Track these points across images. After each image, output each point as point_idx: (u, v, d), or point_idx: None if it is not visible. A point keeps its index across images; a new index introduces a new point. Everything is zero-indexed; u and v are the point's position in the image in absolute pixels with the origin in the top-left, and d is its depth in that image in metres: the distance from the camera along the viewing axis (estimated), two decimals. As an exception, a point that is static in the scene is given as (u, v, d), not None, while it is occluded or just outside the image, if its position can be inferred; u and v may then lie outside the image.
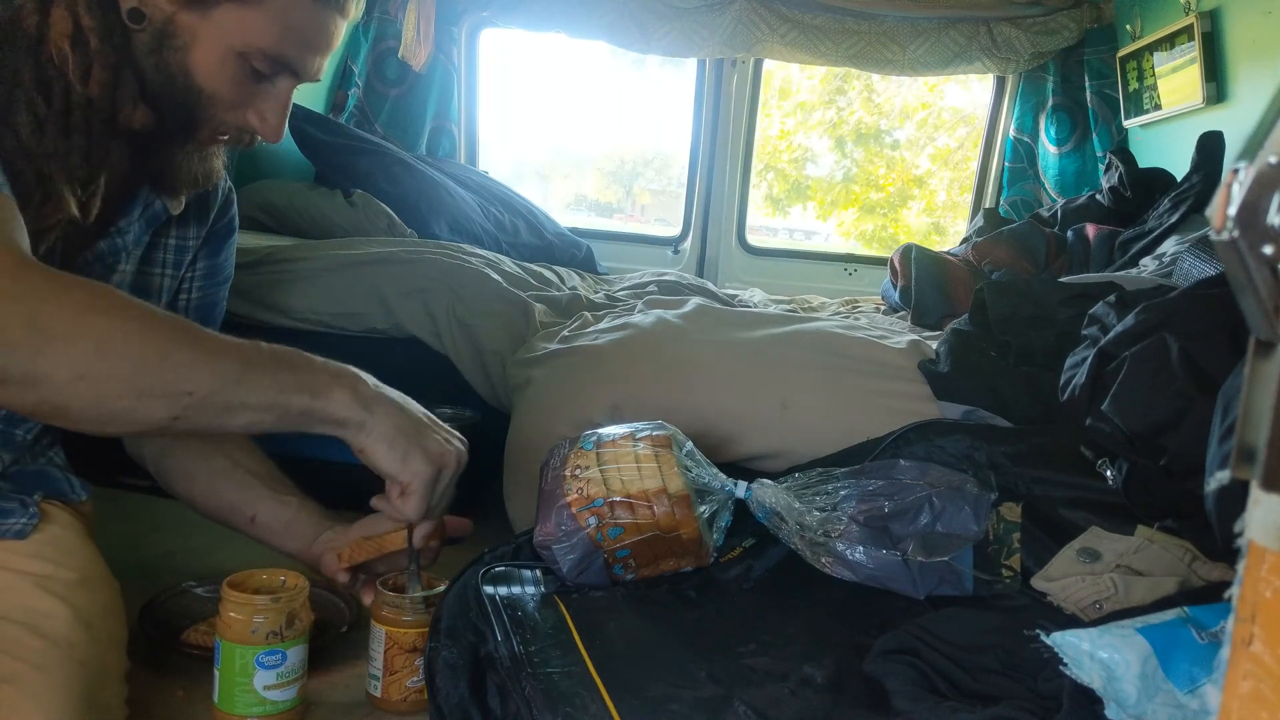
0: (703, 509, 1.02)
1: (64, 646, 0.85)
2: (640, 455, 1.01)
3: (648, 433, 1.04)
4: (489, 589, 0.98)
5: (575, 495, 0.99)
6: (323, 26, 0.98)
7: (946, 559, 0.98)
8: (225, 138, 1.00)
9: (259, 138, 1.00)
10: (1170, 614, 0.78)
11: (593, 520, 0.98)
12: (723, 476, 1.06)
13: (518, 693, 0.83)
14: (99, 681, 0.87)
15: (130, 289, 1.07)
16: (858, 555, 1.00)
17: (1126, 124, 2.84)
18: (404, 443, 0.91)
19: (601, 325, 1.71)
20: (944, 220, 5.07)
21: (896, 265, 2.45)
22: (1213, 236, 0.34)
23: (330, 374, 0.90)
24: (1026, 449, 1.23)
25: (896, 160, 5.34)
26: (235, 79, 0.94)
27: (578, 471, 1.00)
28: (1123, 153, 2.62)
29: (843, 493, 1.05)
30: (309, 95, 2.88)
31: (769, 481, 1.06)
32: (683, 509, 0.99)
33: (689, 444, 1.06)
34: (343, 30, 1.01)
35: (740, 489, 1.05)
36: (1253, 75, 2.24)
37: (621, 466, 1.00)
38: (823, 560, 1.02)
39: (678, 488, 0.99)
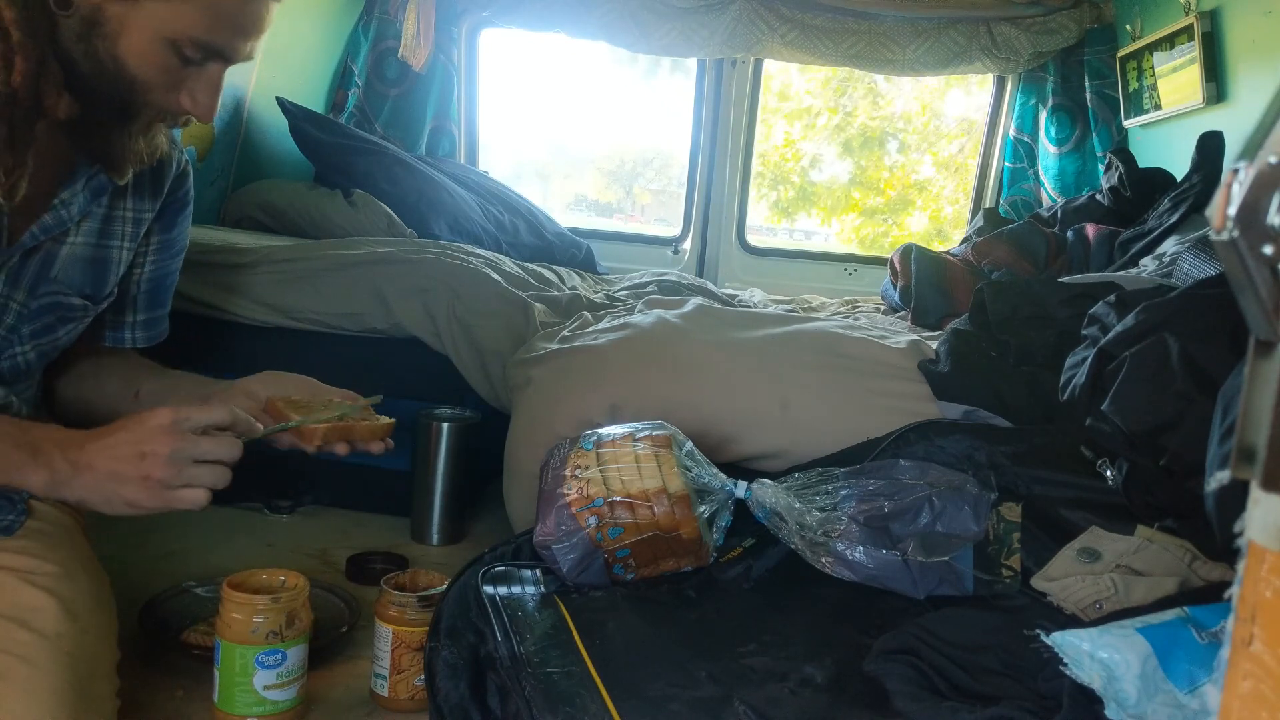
0: (703, 509, 1.02)
1: (52, 639, 0.85)
2: (640, 455, 1.01)
3: (648, 433, 1.04)
4: (489, 589, 0.98)
5: (575, 495, 0.99)
6: (253, 12, 1.00)
7: (946, 559, 0.98)
8: (163, 121, 1.02)
9: (193, 119, 1.02)
10: (1170, 614, 0.78)
11: (593, 520, 0.98)
12: (723, 476, 1.06)
13: (518, 693, 0.83)
14: (89, 673, 0.87)
15: (87, 262, 1.09)
16: (858, 555, 1.00)
17: (1126, 124, 2.84)
18: (112, 506, 0.90)
19: (601, 325, 1.71)
20: (946, 229, 5.07)
21: (896, 265, 2.45)
22: (1213, 236, 0.34)
23: (29, 452, 0.89)
24: (1026, 449, 1.22)
25: (898, 165, 5.34)
26: (165, 65, 0.95)
27: (578, 471, 1.00)
28: (1123, 153, 2.62)
29: (843, 493, 1.05)
30: (309, 95, 2.88)
31: (769, 481, 1.06)
32: (683, 509, 0.99)
33: (689, 444, 1.06)
34: (273, 12, 1.03)
35: (740, 489, 1.05)
36: (1253, 75, 2.24)
37: (621, 466, 1.00)
38: (823, 560, 1.02)
39: (678, 487, 0.99)
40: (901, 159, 5.33)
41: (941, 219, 5.10)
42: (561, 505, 1.00)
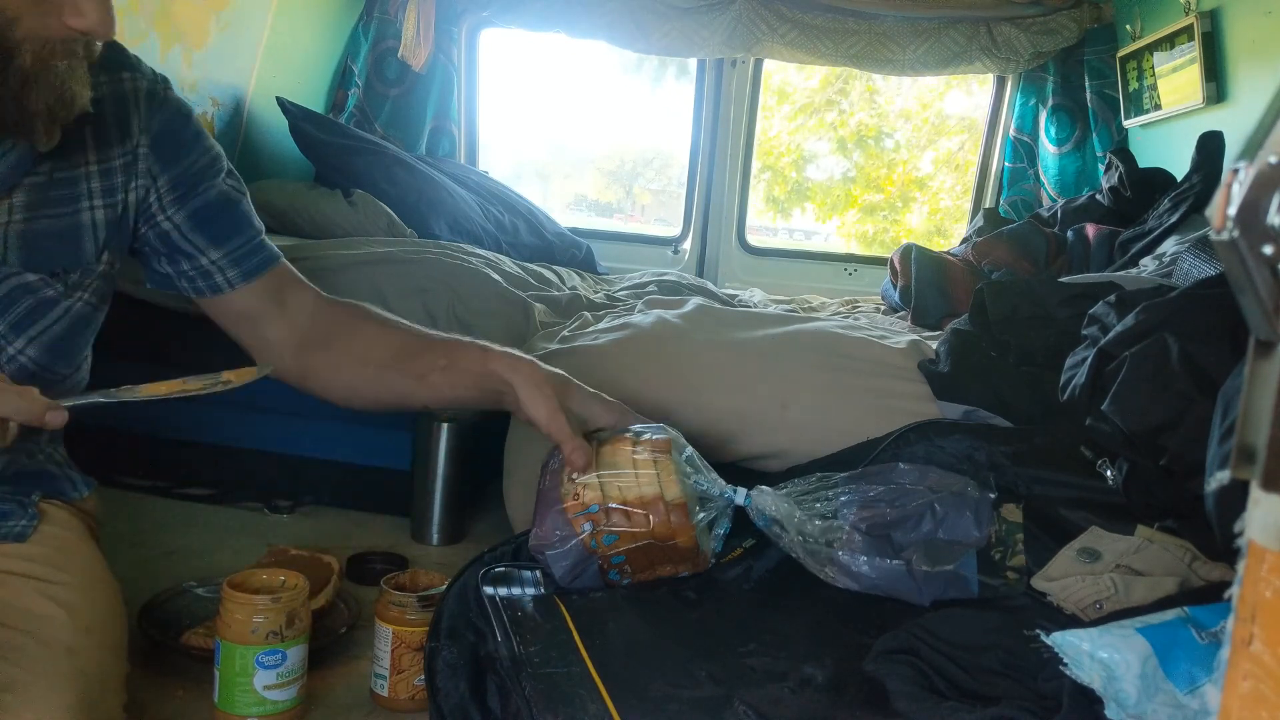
0: (701, 516, 1.01)
1: (64, 653, 0.83)
2: (639, 461, 1.00)
3: (648, 436, 1.03)
4: (489, 589, 0.98)
5: (571, 500, 0.99)
6: None
7: (951, 567, 0.98)
8: (55, 56, 0.84)
9: (92, 38, 0.87)
10: (1170, 614, 0.78)
11: (587, 526, 0.98)
12: (722, 483, 1.05)
13: (518, 693, 0.83)
14: (100, 688, 0.85)
15: (41, 235, 0.95)
16: (861, 566, 0.99)
17: (1126, 124, 2.84)
18: None
19: (601, 325, 1.71)
20: (946, 224, 5.07)
21: (896, 265, 2.45)
22: (1213, 236, 0.34)
23: None
24: (1026, 449, 1.22)
25: (898, 162, 5.34)
26: None
27: (575, 475, 1.00)
28: (1123, 153, 2.62)
29: (843, 499, 1.05)
30: (309, 95, 2.88)
31: (768, 489, 1.05)
32: (679, 517, 0.98)
33: (689, 449, 1.05)
34: None
35: (740, 496, 1.04)
36: (1253, 75, 2.24)
37: (620, 472, 0.99)
38: (826, 571, 1.01)
39: (675, 495, 0.98)
40: (902, 155, 5.33)
41: (940, 214, 5.11)
42: (557, 510, 0.99)
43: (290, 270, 1.13)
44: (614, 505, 0.98)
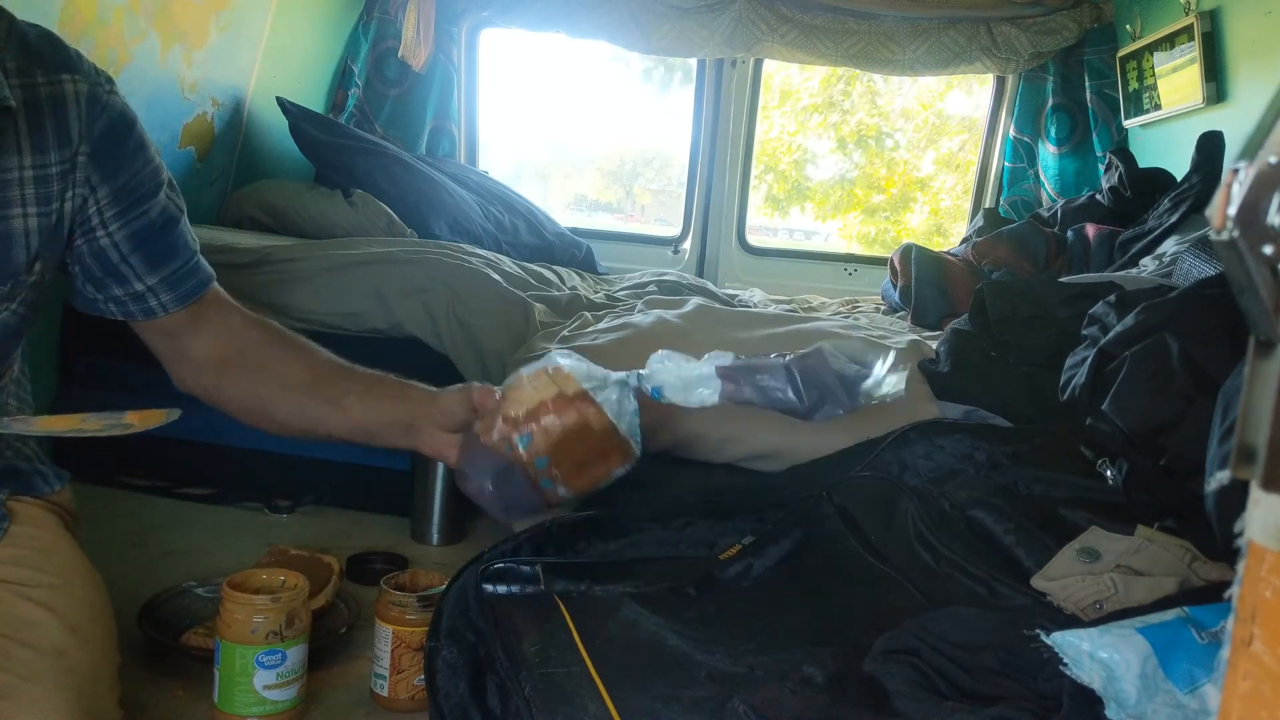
0: (602, 397, 1.01)
1: (52, 655, 0.83)
2: (533, 380, 1.01)
3: (539, 368, 1.04)
4: (489, 588, 0.98)
5: (484, 435, 1.00)
6: None
7: (828, 375, 0.98)
8: None
9: None
10: (1170, 614, 0.78)
11: (496, 435, 0.98)
12: (616, 373, 1.05)
13: (518, 693, 0.83)
14: (92, 686, 0.85)
15: None
16: (744, 389, 1.01)
17: (1126, 124, 2.84)
18: None
19: (601, 325, 1.71)
20: (946, 223, 5.07)
21: (896, 265, 2.45)
22: (1213, 236, 0.34)
23: None
24: (1026, 449, 1.22)
25: (898, 163, 5.34)
26: None
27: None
28: (1123, 153, 2.62)
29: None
30: (309, 95, 2.88)
31: (658, 362, 1.05)
32: (584, 402, 0.99)
33: (585, 365, 1.05)
34: None
35: (633, 377, 1.04)
36: (1253, 75, 2.24)
37: (521, 391, 1.00)
38: (704, 392, 1.03)
39: (574, 389, 0.99)
40: (902, 156, 5.33)
41: (940, 214, 5.10)
42: (470, 436, 1.00)
43: (218, 290, 1.09)
44: (518, 413, 0.98)
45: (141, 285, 1.01)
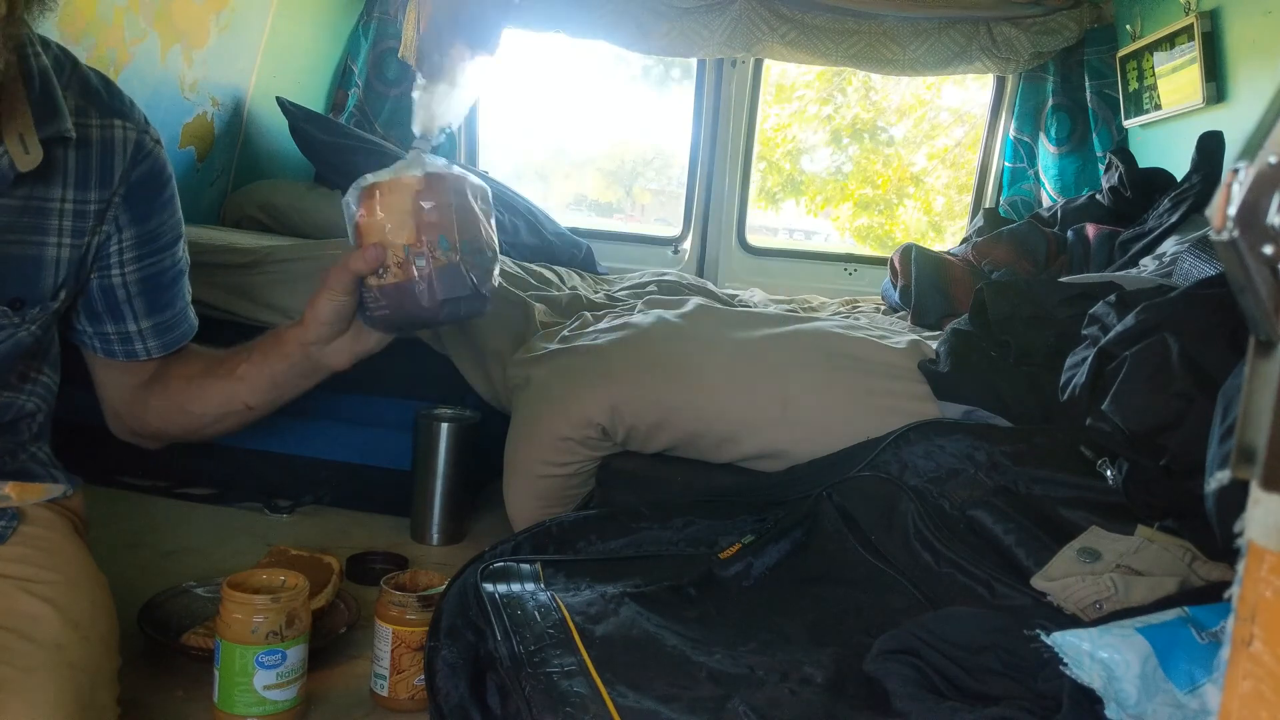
0: (429, 163, 1.03)
1: (53, 649, 0.84)
2: (368, 206, 1.02)
3: (355, 196, 1.04)
4: (488, 587, 0.98)
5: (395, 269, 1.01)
6: None
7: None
8: None
9: None
10: (1170, 614, 0.78)
11: (423, 262, 1.00)
12: (407, 156, 1.06)
13: (518, 692, 0.83)
14: (91, 682, 0.86)
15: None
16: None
17: (1126, 124, 2.84)
18: None
19: (601, 325, 1.71)
20: (941, 220, 5.06)
21: (896, 265, 2.45)
22: (1213, 236, 0.34)
23: None
24: (1026, 449, 1.23)
25: (893, 157, 5.33)
26: None
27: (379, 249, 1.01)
28: (1123, 153, 2.62)
29: None
30: (309, 95, 2.88)
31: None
32: (436, 176, 1.01)
33: (390, 168, 1.06)
34: None
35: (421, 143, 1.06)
36: (1253, 75, 2.24)
37: (372, 219, 1.01)
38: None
39: (418, 177, 1.01)
40: (897, 151, 5.32)
41: (936, 212, 5.10)
42: (369, 298, 1.02)
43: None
44: (396, 229, 1.00)
45: (135, 327, 1.09)
